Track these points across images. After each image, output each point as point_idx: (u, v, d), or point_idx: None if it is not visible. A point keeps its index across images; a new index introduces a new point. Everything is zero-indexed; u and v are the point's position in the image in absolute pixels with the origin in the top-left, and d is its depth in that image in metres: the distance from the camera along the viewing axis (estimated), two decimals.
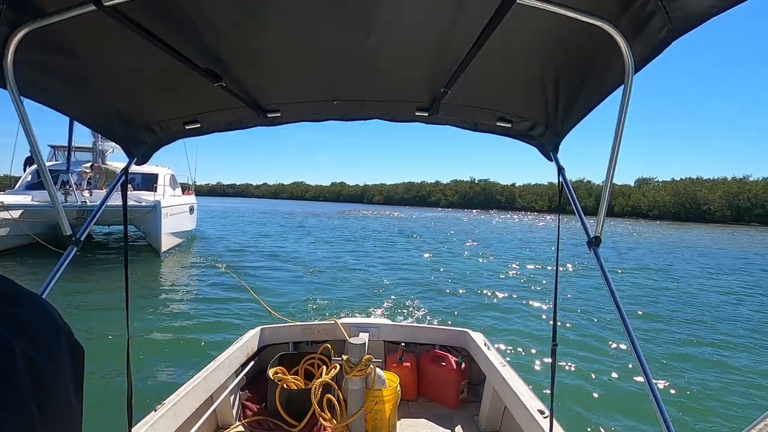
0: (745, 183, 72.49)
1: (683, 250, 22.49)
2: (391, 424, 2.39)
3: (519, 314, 7.70)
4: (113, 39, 1.28)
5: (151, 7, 1.16)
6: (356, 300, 8.36)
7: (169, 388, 2.30)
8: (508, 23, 1.11)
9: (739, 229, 53.69)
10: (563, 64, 1.45)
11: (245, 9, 1.22)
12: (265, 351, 3.09)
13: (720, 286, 11.66)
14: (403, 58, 1.50)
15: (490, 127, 1.94)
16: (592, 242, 1.45)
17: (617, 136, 1.28)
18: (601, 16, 1.15)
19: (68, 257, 1.51)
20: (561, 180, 1.74)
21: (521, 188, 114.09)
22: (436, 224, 38.05)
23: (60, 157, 15.45)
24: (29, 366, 0.36)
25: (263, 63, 1.52)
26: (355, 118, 1.95)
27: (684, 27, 1.04)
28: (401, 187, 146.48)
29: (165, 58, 1.29)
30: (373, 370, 2.30)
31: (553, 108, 1.69)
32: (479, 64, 1.38)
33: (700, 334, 6.93)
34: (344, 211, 65.13)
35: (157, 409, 1.92)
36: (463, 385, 2.87)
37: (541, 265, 14.26)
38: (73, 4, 1.09)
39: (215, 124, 1.92)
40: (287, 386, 2.63)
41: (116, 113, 1.73)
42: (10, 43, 1.14)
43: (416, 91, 1.76)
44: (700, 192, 73.22)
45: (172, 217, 13.03)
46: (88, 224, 1.71)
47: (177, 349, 5.36)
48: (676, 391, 4.69)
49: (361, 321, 3.24)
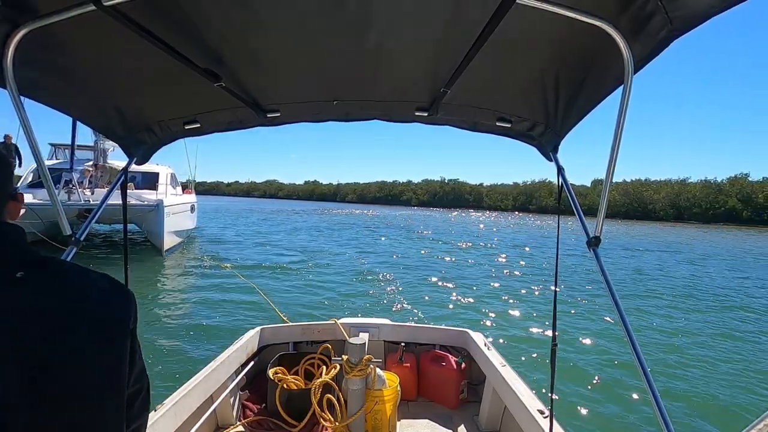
0: (686, 185, 79.76)
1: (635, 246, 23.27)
2: (391, 424, 2.39)
3: (519, 314, 7.70)
4: (113, 39, 1.28)
5: (150, 7, 1.16)
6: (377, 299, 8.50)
7: (169, 388, 2.30)
8: (508, 23, 1.11)
9: (679, 226, 58.73)
10: (563, 64, 1.45)
11: (245, 9, 1.22)
12: (265, 351, 3.09)
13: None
14: (403, 58, 1.50)
15: (490, 127, 1.94)
16: (591, 242, 1.45)
17: (617, 136, 1.27)
18: (600, 16, 1.14)
19: (68, 257, 1.51)
20: (561, 180, 1.74)
21: (488, 188, 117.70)
22: (430, 222, 38.21)
23: (60, 155, 15.49)
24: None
25: (263, 63, 1.52)
26: (355, 118, 1.95)
27: (684, 27, 1.04)
28: (374, 186, 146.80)
29: (165, 58, 1.29)
30: (373, 370, 2.30)
31: (552, 108, 1.68)
32: (479, 64, 1.37)
33: (701, 332, 6.92)
34: (324, 209, 65.47)
35: (157, 409, 1.92)
36: (463, 385, 2.87)
37: (541, 264, 14.25)
38: (72, 4, 1.09)
39: (215, 124, 1.92)
40: (287, 386, 2.63)
41: (116, 113, 1.73)
42: (10, 43, 1.14)
43: (416, 91, 1.75)
44: (647, 192, 79.47)
45: (174, 216, 13.05)
46: (87, 224, 1.71)
47: (177, 349, 5.37)
48: (675, 391, 4.68)
49: (361, 321, 3.23)
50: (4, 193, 0.72)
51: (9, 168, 0.75)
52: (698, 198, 73.01)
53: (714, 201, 70.88)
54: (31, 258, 0.68)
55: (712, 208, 70.27)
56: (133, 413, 0.76)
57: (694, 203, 72.83)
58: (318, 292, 8.85)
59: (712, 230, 47.99)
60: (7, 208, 0.72)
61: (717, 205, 70.13)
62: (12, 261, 0.65)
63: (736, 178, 73.71)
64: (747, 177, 72.83)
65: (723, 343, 6.52)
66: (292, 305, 7.60)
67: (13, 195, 0.74)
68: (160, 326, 6.25)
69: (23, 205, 0.77)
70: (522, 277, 11.64)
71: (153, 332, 5.93)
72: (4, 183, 0.73)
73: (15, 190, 0.75)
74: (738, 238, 35.80)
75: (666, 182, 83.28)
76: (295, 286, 9.42)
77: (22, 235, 0.70)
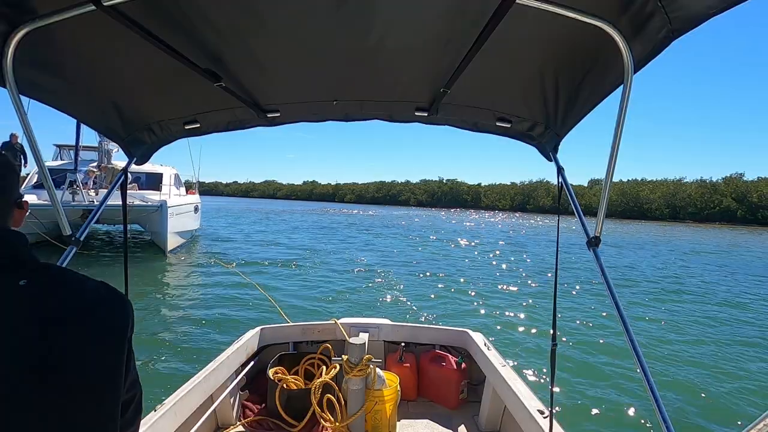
0: (681, 184, 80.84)
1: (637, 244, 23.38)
2: (391, 424, 2.39)
3: (519, 314, 7.71)
4: (113, 39, 1.28)
5: (150, 7, 1.15)
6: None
7: (169, 388, 2.30)
8: (508, 23, 1.11)
9: (675, 224, 60.29)
10: (563, 64, 1.46)
11: (245, 9, 1.22)
12: (265, 351, 3.08)
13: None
14: (403, 58, 1.50)
15: (490, 127, 1.94)
16: (591, 242, 1.45)
17: (617, 136, 1.28)
18: (600, 17, 1.15)
19: (68, 257, 1.51)
20: (561, 180, 1.74)
21: (486, 188, 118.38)
22: (432, 223, 38.22)
23: (65, 156, 15.47)
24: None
25: (263, 63, 1.52)
26: (354, 118, 1.95)
27: (683, 27, 1.04)
28: (372, 187, 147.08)
29: (165, 58, 1.29)
30: (373, 370, 2.30)
31: (552, 108, 1.69)
32: (479, 64, 1.38)
33: (703, 332, 6.96)
34: (323, 209, 65.49)
35: (157, 409, 1.91)
36: (463, 385, 2.87)
37: (541, 264, 14.29)
38: (72, 4, 1.09)
39: (215, 124, 1.92)
40: (287, 386, 2.62)
41: (116, 113, 1.73)
42: (10, 43, 1.14)
43: (416, 91, 1.76)
44: (643, 192, 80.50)
45: (177, 217, 13.01)
46: (87, 224, 1.71)
47: (177, 349, 5.35)
48: (675, 391, 4.70)
49: (361, 321, 3.23)
50: (9, 201, 0.73)
51: (15, 175, 0.75)
52: (693, 197, 73.99)
53: (709, 200, 71.64)
54: (32, 266, 0.69)
55: (707, 208, 71.03)
56: (126, 420, 0.77)
57: (690, 203, 73.86)
58: (319, 291, 8.84)
59: (706, 229, 48.56)
60: (12, 215, 0.73)
61: (712, 204, 70.87)
62: (13, 268, 0.66)
63: (731, 177, 74.59)
64: (742, 177, 73.92)
65: (723, 343, 6.54)
66: (293, 305, 7.60)
67: (18, 203, 0.74)
68: (161, 326, 6.22)
69: (28, 211, 0.77)
70: (521, 277, 11.66)
71: (154, 332, 5.89)
72: (10, 190, 0.73)
73: (20, 197, 0.75)
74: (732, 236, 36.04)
75: (662, 182, 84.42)
76: (296, 286, 9.42)
77: (25, 243, 0.71)
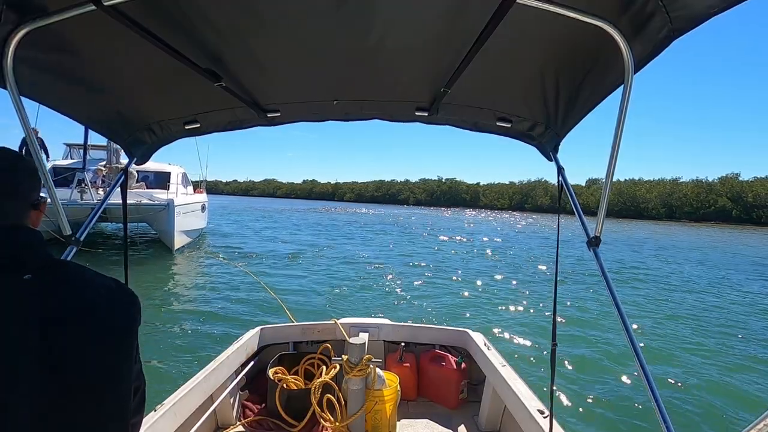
0: (677, 184, 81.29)
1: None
2: (391, 424, 2.39)
3: (519, 314, 7.72)
4: (113, 39, 1.27)
5: (151, 7, 1.15)
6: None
7: (169, 387, 2.29)
8: (508, 23, 1.11)
9: (671, 224, 61.24)
10: (563, 64, 1.46)
11: (245, 9, 1.22)
12: (265, 351, 3.08)
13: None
14: (403, 58, 1.50)
15: (490, 127, 1.94)
16: (591, 242, 1.45)
17: (617, 136, 1.28)
18: (601, 16, 1.15)
19: (68, 257, 1.50)
20: (561, 180, 1.74)
21: (484, 187, 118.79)
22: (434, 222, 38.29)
23: (75, 155, 15.48)
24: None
25: (263, 63, 1.52)
26: (354, 118, 1.95)
27: (684, 27, 1.05)
28: (372, 185, 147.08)
29: (165, 58, 1.29)
30: (373, 370, 2.30)
31: (553, 108, 1.69)
32: (479, 64, 1.38)
33: (703, 332, 6.98)
34: (324, 208, 65.44)
35: (157, 409, 1.91)
36: (463, 385, 2.87)
37: (540, 264, 14.32)
38: (73, 4, 1.08)
39: (215, 124, 1.92)
40: (287, 386, 2.62)
41: (116, 113, 1.72)
42: (10, 43, 1.13)
43: (416, 91, 1.76)
44: (639, 192, 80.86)
45: (184, 216, 13.01)
46: (87, 224, 1.70)
47: (178, 348, 5.33)
48: (675, 391, 4.71)
49: (361, 321, 3.23)
50: (27, 202, 0.75)
51: (35, 177, 0.77)
52: (689, 197, 74.37)
53: (705, 200, 71.99)
54: (43, 262, 0.71)
55: (703, 207, 71.35)
56: (132, 409, 0.80)
57: (686, 202, 74.25)
58: (318, 292, 8.82)
59: (701, 228, 48.74)
60: (29, 215, 0.76)
61: (708, 204, 71.22)
62: (23, 264, 0.68)
63: (727, 177, 74.89)
64: (738, 177, 74.26)
65: (723, 342, 6.56)
66: (294, 305, 7.58)
67: (35, 205, 0.76)
68: (163, 325, 6.20)
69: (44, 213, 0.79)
70: (521, 277, 11.68)
71: (155, 331, 5.88)
72: (30, 192, 0.75)
73: (38, 199, 0.77)
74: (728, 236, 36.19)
75: (659, 182, 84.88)
76: (298, 284, 9.42)
77: (39, 239, 0.72)
